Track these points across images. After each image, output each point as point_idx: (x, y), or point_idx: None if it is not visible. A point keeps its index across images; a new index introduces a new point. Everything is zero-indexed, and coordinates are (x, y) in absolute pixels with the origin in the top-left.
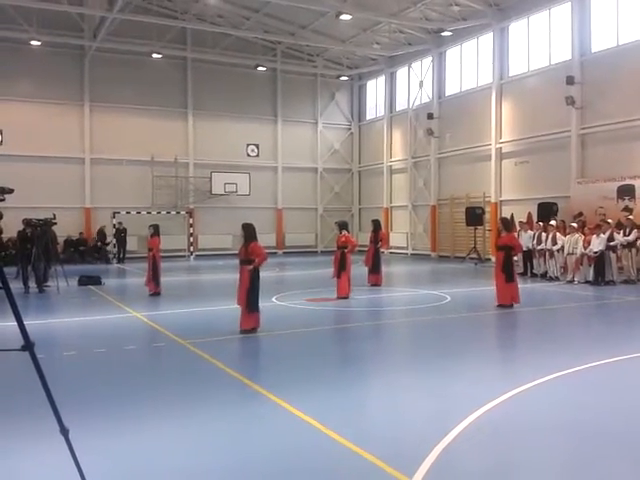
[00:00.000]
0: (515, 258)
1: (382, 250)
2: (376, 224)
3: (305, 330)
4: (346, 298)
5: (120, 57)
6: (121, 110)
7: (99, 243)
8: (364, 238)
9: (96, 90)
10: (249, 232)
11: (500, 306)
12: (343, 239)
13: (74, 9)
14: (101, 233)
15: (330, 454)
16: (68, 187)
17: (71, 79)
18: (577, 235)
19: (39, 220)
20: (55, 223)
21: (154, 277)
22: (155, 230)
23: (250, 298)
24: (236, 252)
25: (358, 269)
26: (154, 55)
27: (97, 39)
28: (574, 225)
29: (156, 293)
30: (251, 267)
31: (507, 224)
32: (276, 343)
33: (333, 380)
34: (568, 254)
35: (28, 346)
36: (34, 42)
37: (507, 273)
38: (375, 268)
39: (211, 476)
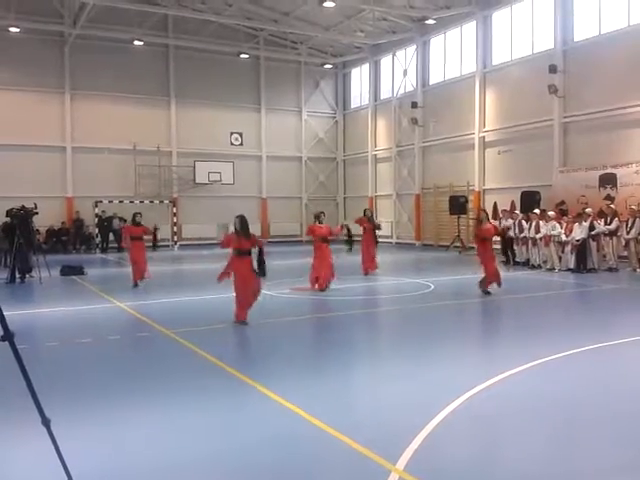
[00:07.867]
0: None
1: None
2: (370, 213)
3: (290, 319)
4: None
5: (101, 44)
6: (102, 98)
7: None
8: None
9: (77, 78)
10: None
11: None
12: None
13: None
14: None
15: (315, 442)
16: (49, 176)
17: (51, 66)
18: (555, 222)
19: (19, 210)
20: (36, 213)
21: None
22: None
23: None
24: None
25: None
26: (135, 42)
27: (77, 26)
28: (551, 214)
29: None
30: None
31: (488, 215)
32: (261, 332)
33: (318, 369)
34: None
35: (8, 336)
36: (13, 29)
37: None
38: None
39: (196, 466)
